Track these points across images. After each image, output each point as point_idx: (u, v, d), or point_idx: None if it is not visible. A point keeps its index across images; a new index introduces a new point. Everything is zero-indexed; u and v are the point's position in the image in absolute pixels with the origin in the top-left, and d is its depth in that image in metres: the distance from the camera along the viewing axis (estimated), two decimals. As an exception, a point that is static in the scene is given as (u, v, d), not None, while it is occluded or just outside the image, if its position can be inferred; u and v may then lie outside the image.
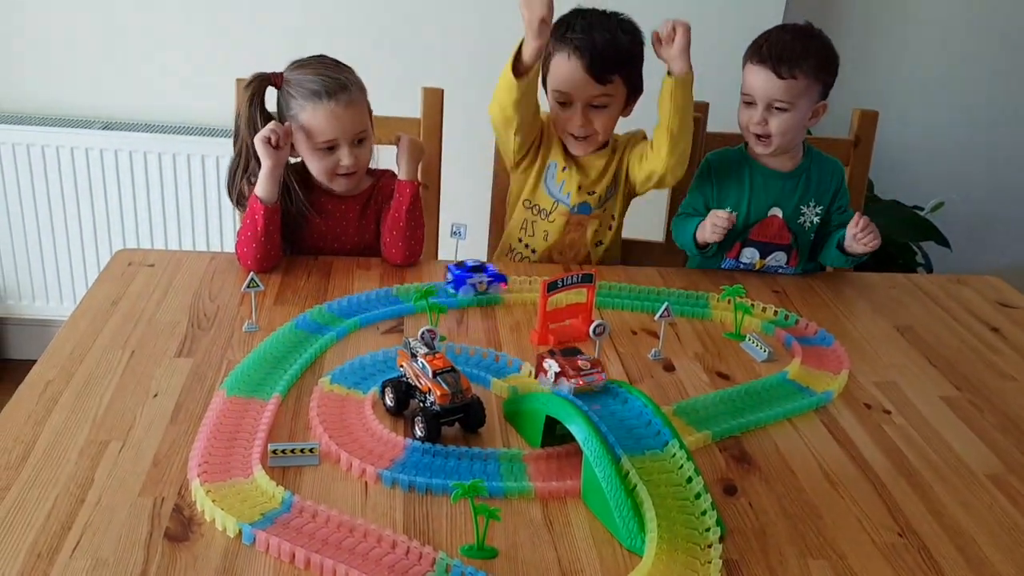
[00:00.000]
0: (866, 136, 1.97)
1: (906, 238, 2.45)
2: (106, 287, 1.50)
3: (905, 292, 1.72)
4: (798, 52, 1.63)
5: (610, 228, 1.84)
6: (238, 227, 1.83)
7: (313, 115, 1.53)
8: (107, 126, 2.39)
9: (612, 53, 1.66)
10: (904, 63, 2.63)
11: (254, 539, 0.95)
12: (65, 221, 2.44)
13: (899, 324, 1.59)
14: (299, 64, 1.58)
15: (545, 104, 1.76)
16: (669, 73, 1.65)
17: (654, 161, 1.72)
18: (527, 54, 1.56)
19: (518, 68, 1.59)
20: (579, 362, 1.15)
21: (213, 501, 0.99)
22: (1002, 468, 1.19)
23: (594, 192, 1.79)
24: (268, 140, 1.51)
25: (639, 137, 1.82)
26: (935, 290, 1.74)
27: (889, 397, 1.35)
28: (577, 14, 1.70)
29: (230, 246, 2.44)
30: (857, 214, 1.67)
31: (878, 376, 1.41)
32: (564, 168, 1.77)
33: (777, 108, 1.66)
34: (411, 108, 1.87)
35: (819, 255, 1.80)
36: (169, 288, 1.52)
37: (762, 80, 1.65)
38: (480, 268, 1.55)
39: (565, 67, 1.67)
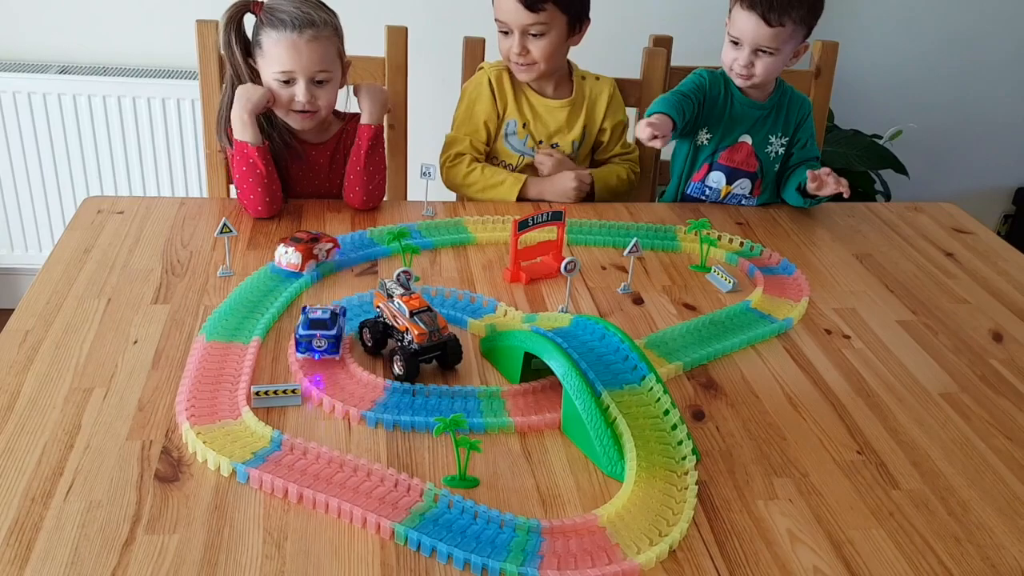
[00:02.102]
0: (827, 67, 1.99)
1: (865, 166, 2.50)
2: (77, 235, 1.50)
3: (864, 221, 1.77)
4: (788, 0, 1.64)
5: None
6: (205, 172, 1.84)
7: (276, 44, 1.53)
8: (64, 70, 2.35)
9: None
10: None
11: (248, 477, 0.99)
12: (26, 168, 2.40)
13: (858, 252, 1.64)
14: None
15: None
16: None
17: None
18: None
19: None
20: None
21: (204, 443, 1.02)
22: (955, 387, 1.25)
23: (557, 145, 1.82)
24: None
25: (621, 124, 1.88)
26: (893, 218, 1.79)
27: (848, 322, 1.40)
28: None
29: (195, 190, 2.44)
30: (810, 172, 1.68)
31: (838, 303, 1.46)
32: (524, 124, 1.81)
33: (764, 52, 1.68)
34: (375, 47, 1.86)
35: (780, 191, 1.84)
36: (140, 235, 1.52)
37: (752, 25, 1.66)
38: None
39: None
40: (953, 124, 2.84)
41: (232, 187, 1.83)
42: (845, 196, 1.68)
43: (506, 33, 1.75)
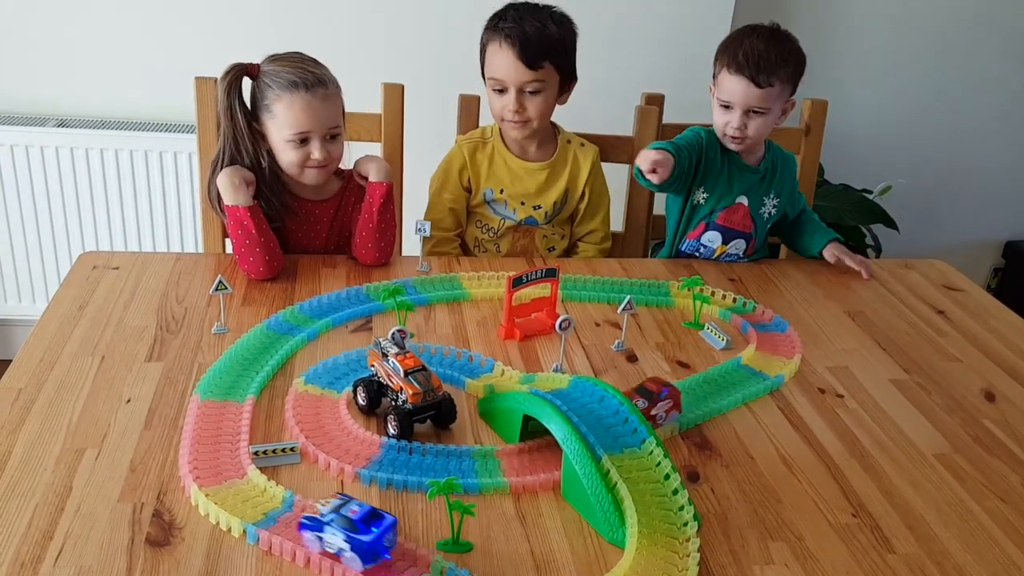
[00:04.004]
0: (816, 124, 2.02)
1: (856, 221, 2.53)
2: (72, 291, 1.51)
3: (855, 277, 1.79)
4: (774, 60, 1.67)
5: (562, 238, 1.92)
6: (200, 226, 1.84)
7: (289, 105, 1.54)
8: (62, 123, 2.37)
9: (542, 41, 1.73)
10: (850, 52, 2.70)
11: (258, 539, 0.98)
12: (22, 220, 2.41)
13: (850, 309, 1.65)
14: (276, 57, 1.58)
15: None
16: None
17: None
18: None
19: None
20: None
21: (216, 503, 1.01)
22: (948, 448, 1.25)
23: (540, 207, 1.85)
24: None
25: (601, 199, 1.91)
26: (884, 275, 1.81)
27: (841, 381, 1.41)
28: (510, 7, 1.79)
29: (191, 245, 2.45)
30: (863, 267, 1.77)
31: (831, 361, 1.46)
32: (501, 191, 1.83)
33: (755, 112, 1.71)
34: (372, 104, 1.88)
35: (797, 246, 1.89)
36: (136, 291, 1.52)
37: (741, 88, 1.69)
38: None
39: (499, 55, 1.74)
40: (942, 179, 2.89)
41: (228, 241, 1.84)
42: (864, 278, 1.74)
43: (500, 91, 1.78)
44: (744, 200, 1.80)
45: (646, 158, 1.62)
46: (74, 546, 0.97)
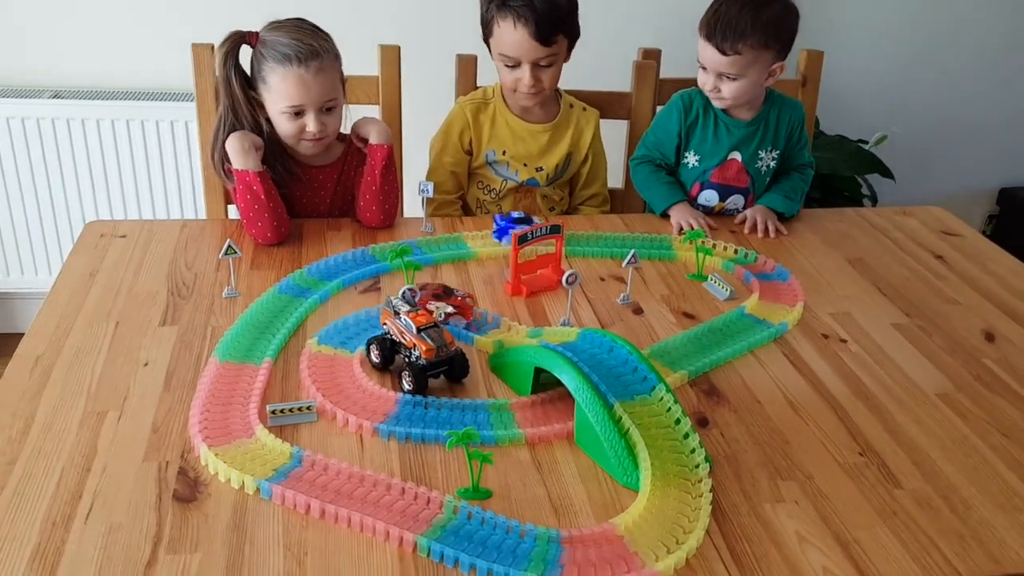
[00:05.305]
0: (812, 76, 2.03)
1: (852, 171, 2.54)
2: (81, 260, 1.52)
3: (854, 225, 1.81)
4: (741, 29, 1.64)
5: (560, 199, 1.94)
6: (203, 193, 1.85)
7: (283, 79, 1.54)
8: (57, 95, 2.36)
9: (554, 15, 1.72)
10: (842, 2, 2.69)
11: (271, 494, 1.00)
12: (21, 193, 2.41)
13: (850, 256, 1.67)
14: (276, 25, 1.57)
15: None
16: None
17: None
18: None
19: None
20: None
21: (225, 462, 1.04)
22: (951, 387, 1.28)
23: (542, 169, 1.86)
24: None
25: (601, 162, 1.92)
26: (882, 222, 1.83)
27: (844, 326, 1.43)
28: None
29: (191, 212, 2.45)
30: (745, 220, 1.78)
31: (833, 307, 1.49)
32: (504, 152, 1.84)
33: (727, 77, 1.71)
34: (366, 66, 1.88)
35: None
36: (144, 258, 1.53)
37: (709, 54, 1.69)
38: (525, 220, 1.59)
39: (512, 34, 1.72)
40: (936, 127, 2.89)
41: (231, 207, 1.85)
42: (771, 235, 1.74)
43: (511, 67, 1.76)
44: (737, 155, 1.81)
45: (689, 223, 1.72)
46: (103, 504, 1.00)
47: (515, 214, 1.63)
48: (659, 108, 1.94)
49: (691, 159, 1.81)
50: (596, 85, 1.96)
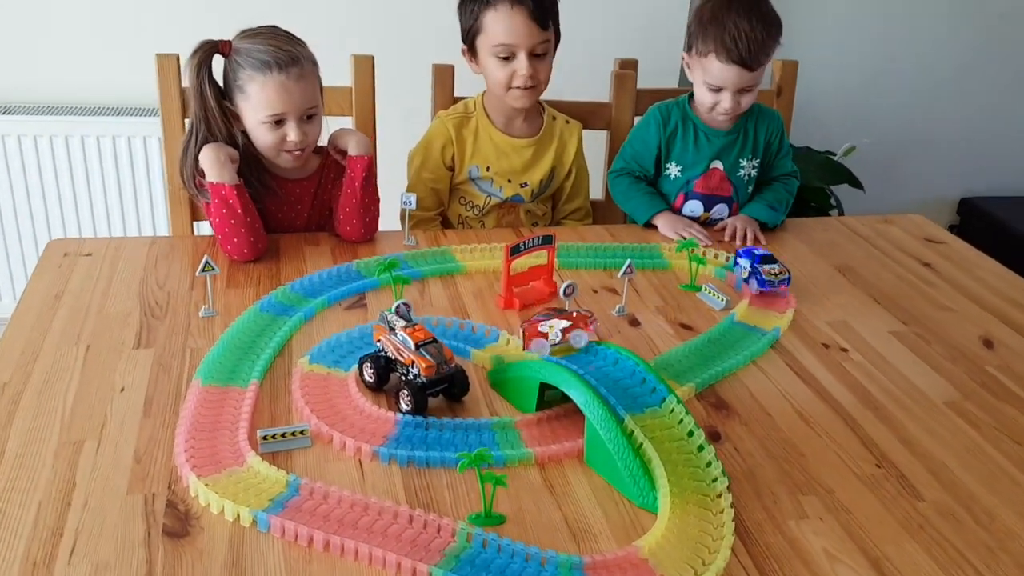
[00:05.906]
0: (787, 86, 2.02)
1: (822, 182, 2.55)
2: (45, 280, 1.43)
3: (839, 234, 1.79)
4: (763, 40, 1.63)
5: (543, 214, 1.90)
6: (169, 210, 1.77)
7: (263, 87, 1.47)
8: (7, 111, 2.25)
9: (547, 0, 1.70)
10: (814, 15, 2.71)
11: (269, 526, 0.93)
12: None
13: (839, 265, 1.66)
14: (250, 33, 1.51)
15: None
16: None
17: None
18: None
19: None
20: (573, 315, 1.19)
21: (217, 493, 0.96)
22: (958, 395, 1.26)
23: (526, 185, 1.82)
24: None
25: (583, 177, 1.89)
26: (866, 230, 1.82)
27: (843, 335, 1.41)
28: None
29: (152, 229, 2.36)
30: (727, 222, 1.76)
31: (829, 316, 1.46)
32: (487, 168, 1.79)
33: (747, 90, 1.70)
34: (341, 77, 1.82)
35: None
36: (113, 277, 1.45)
37: (733, 74, 1.65)
38: (770, 259, 1.50)
39: (508, 19, 1.67)
40: (898, 140, 2.93)
41: (197, 224, 1.77)
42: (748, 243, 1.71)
43: (507, 59, 1.71)
44: (719, 164, 1.79)
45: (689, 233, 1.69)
46: (87, 542, 0.92)
47: (759, 250, 1.52)
48: (637, 119, 1.91)
49: (673, 170, 1.79)
50: (570, 95, 1.93)
